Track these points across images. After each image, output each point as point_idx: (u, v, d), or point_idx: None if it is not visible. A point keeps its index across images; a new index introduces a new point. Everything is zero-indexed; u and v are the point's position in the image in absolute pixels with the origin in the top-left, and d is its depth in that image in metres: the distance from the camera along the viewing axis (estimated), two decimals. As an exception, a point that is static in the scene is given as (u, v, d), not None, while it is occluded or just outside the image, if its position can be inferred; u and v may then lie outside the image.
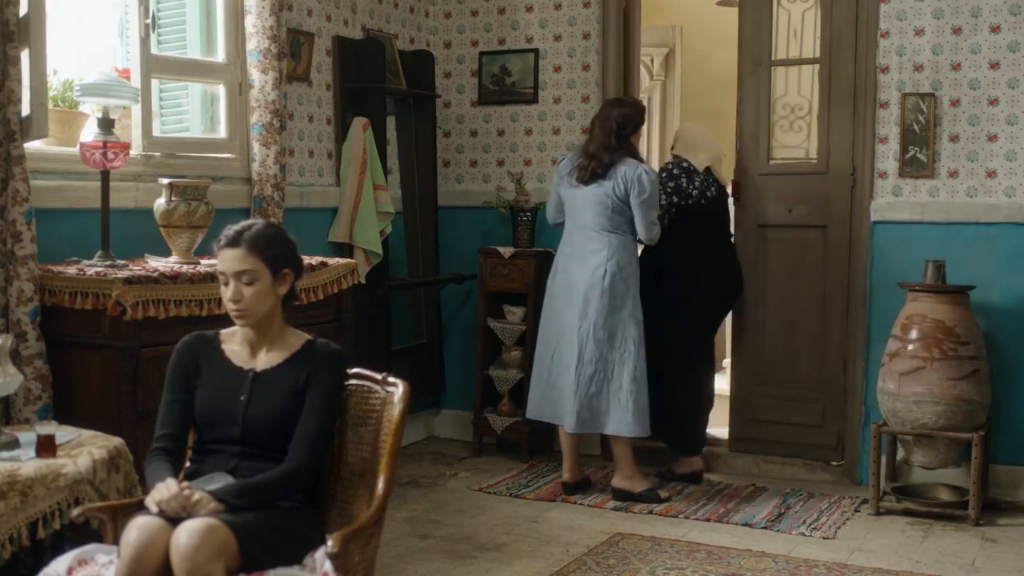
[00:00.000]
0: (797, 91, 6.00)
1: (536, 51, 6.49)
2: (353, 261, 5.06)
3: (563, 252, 5.56)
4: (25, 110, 3.98)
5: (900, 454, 5.47)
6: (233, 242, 3.14)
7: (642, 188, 5.33)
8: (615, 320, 5.39)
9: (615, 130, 5.39)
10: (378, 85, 6.05)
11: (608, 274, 5.36)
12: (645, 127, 5.81)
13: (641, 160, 5.48)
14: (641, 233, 5.41)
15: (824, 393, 5.93)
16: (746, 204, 6.04)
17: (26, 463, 3.25)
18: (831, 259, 5.87)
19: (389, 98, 6.28)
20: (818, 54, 5.90)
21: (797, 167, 6.01)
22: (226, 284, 3.15)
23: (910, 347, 5.20)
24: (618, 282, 5.37)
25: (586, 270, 5.40)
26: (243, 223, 3.21)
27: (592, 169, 5.39)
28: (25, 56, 3.97)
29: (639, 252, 5.58)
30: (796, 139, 6.03)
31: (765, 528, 5.08)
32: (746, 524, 5.13)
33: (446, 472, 6.01)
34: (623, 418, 5.39)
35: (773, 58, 6.01)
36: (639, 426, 5.39)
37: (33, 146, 4.11)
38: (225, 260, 3.14)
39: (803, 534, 4.99)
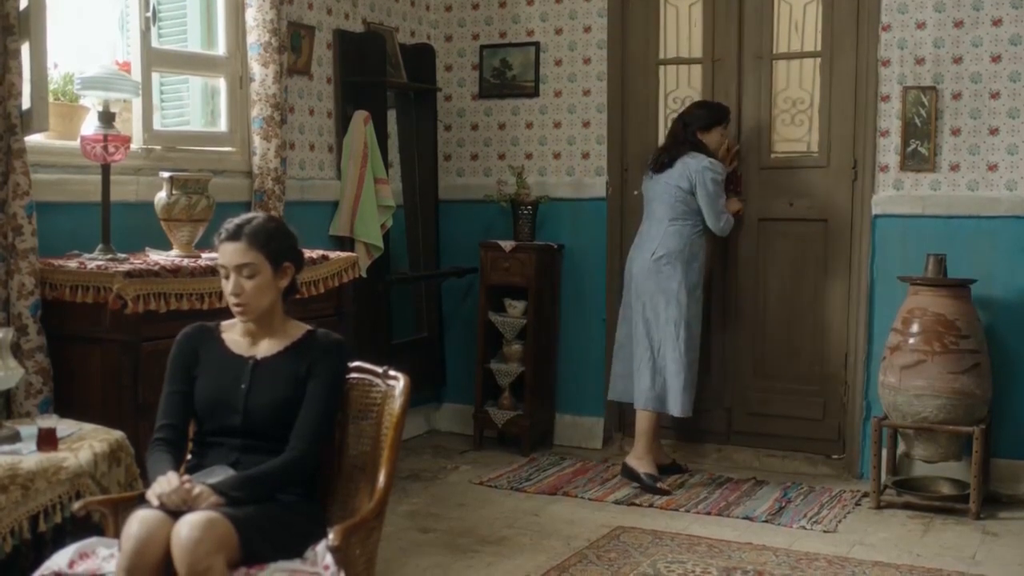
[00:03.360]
0: (799, 84, 6.00)
1: (537, 45, 6.48)
2: (354, 255, 5.05)
3: (634, 241, 5.81)
4: (26, 104, 3.98)
5: (901, 448, 5.47)
6: (234, 236, 3.14)
7: (703, 182, 5.52)
8: (658, 302, 5.56)
9: (685, 125, 5.63)
10: (379, 79, 6.04)
11: (656, 257, 5.57)
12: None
13: (710, 155, 5.60)
14: (710, 225, 5.63)
15: (825, 387, 5.94)
16: (747, 197, 6.03)
17: (27, 457, 3.25)
18: (832, 253, 5.87)
19: (390, 92, 6.27)
20: (819, 47, 5.90)
21: (798, 160, 6.00)
22: (227, 278, 3.15)
23: (911, 341, 5.20)
24: (665, 265, 5.55)
25: (642, 255, 5.64)
26: (244, 217, 3.21)
27: (661, 160, 5.64)
28: (25, 49, 3.97)
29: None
30: (797, 132, 6.02)
31: (766, 522, 5.08)
32: (747, 518, 5.13)
33: (447, 466, 6.01)
34: (652, 394, 5.57)
35: (775, 52, 6.01)
36: (674, 403, 5.55)
37: (34, 140, 4.11)
38: (226, 254, 3.14)
39: (804, 528, 5.00)
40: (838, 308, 5.88)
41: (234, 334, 3.27)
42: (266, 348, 3.22)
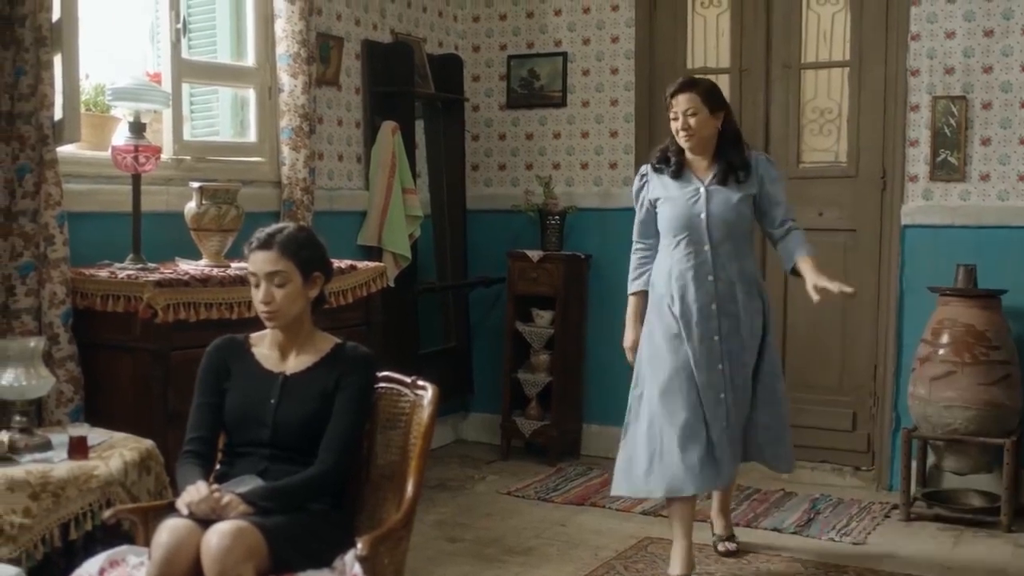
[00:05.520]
0: (827, 94, 5.98)
1: (565, 55, 6.49)
2: (382, 265, 5.07)
3: None
4: (58, 114, 4.01)
5: (931, 459, 5.43)
6: (265, 244, 3.16)
7: None
8: None
9: None
10: (407, 89, 6.06)
11: None
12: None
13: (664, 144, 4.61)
14: None
15: (854, 398, 5.91)
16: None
17: (58, 465, 3.28)
18: (861, 263, 5.84)
19: (418, 102, 6.29)
20: (848, 57, 5.88)
21: (827, 170, 5.99)
22: (257, 286, 3.17)
23: (941, 352, 5.16)
24: None
25: None
26: (275, 226, 3.23)
27: None
28: (58, 61, 4.01)
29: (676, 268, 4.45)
30: (826, 142, 6.01)
31: (795, 533, 5.06)
32: (775, 529, 5.11)
33: (474, 475, 6.01)
34: None
35: (803, 61, 5.99)
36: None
37: (66, 150, 4.14)
38: (257, 262, 3.16)
39: (833, 539, 4.97)
40: (867, 319, 5.84)
41: (263, 348, 3.28)
42: (295, 364, 3.23)
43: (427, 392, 3.22)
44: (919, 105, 5.60)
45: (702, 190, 4.41)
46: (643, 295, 4.55)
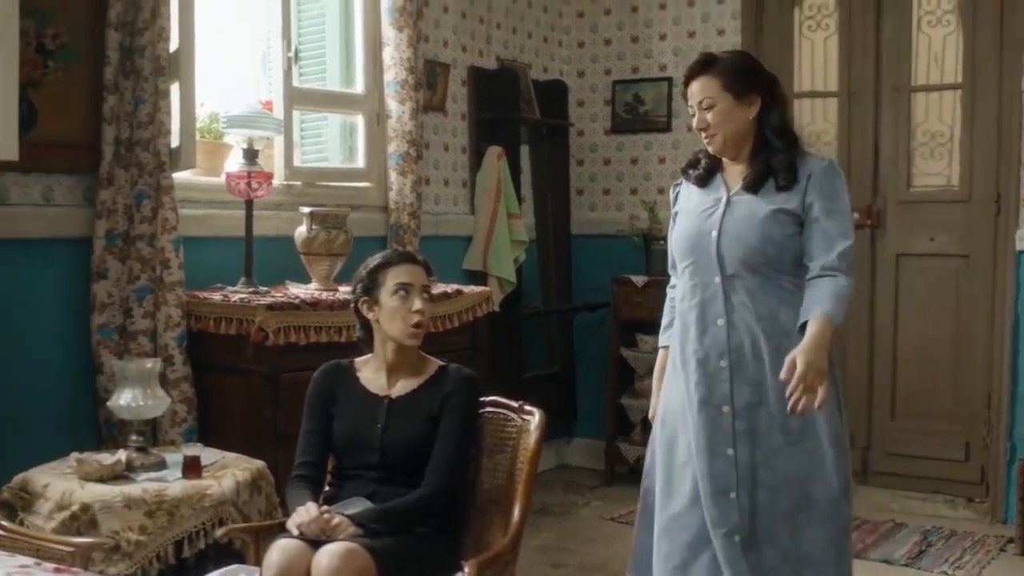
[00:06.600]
0: (939, 117, 5.87)
1: (670, 79, 6.46)
2: (487, 289, 5.09)
3: None
4: (174, 142, 4.12)
5: (1048, 491, 5.28)
6: (413, 259, 3.29)
7: None
8: None
9: None
10: (512, 115, 6.10)
11: None
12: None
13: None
14: None
15: (967, 427, 5.76)
16: (885, 232, 5.91)
17: (173, 483, 3.36)
18: (974, 289, 5.71)
19: (523, 127, 6.32)
20: (960, 79, 5.77)
21: (938, 195, 5.87)
22: (405, 298, 3.20)
23: (1059, 380, 5.03)
24: None
25: None
26: (401, 248, 3.30)
27: None
28: (175, 89, 4.11)
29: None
30: (937, 166, 5.89)
31: (906, 565, 4.95)
32: (885, 561, 5.00)
33: (578, 501, 5.99)
34: None
35: (913, 84, 5.90)
36: None
37: (181, 176, 4.25)
38: (410, 274, 3.23)
39: (945, 573, 4.85)
40: (980, 346, 5.71)
41: (368, 372, 3.31)
42: (401, 387, 3.26)
43: (534, 417, 3.23)
44: (1035, 127, 5.48)
45: (723, 200, 3.20)
46: None
